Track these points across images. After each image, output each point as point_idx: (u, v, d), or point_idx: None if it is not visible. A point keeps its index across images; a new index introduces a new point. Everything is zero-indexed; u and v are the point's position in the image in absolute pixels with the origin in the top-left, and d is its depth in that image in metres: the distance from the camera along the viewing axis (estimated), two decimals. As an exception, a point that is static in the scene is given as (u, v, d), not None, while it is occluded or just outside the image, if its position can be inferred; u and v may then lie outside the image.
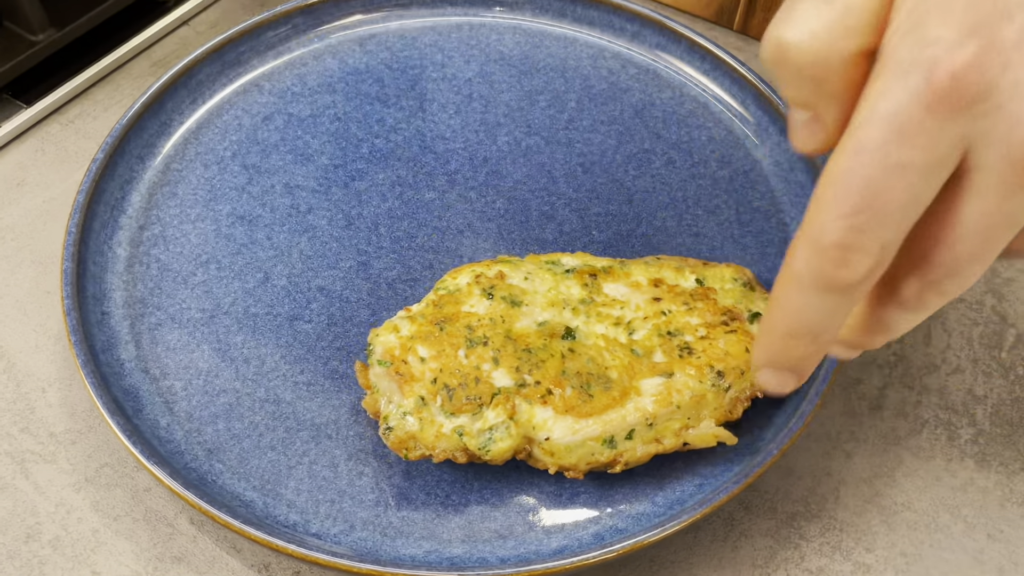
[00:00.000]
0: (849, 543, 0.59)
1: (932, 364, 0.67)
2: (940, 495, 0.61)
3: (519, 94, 0.78)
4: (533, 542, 0.56)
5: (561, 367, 0.57)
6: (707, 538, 0.59)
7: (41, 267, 0.70)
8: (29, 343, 0.66)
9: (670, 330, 0.59)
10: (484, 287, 0.61)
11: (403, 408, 0.56)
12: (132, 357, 0.62)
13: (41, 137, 0.78)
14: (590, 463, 0.56)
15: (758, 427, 0.60)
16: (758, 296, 0.62)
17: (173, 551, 0.57)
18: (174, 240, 0.68)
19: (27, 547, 0.57)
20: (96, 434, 0.62)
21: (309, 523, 0.56)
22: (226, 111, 0.75)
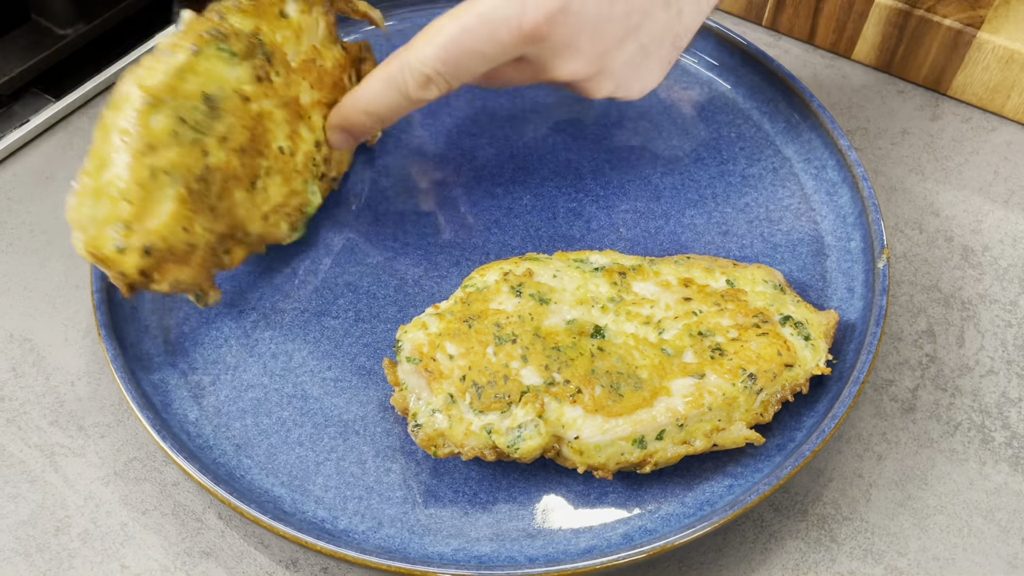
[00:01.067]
0: (881, 546, 0.58)
1: (965, 366, 0.66)
2: (973, 499, 0.60)
3: (547, 90, 0.77)
4: (561, 541, 0.56)
5: (591, 366, 0.56)
6: (737, 540, 0.58)
7: (70, 261, 0.70)
8: (59, 337, 0.66)
9: (701, 330, 0.59)
10: (512, 284, 0.61)
11: (432, 405, 0.55)
12: (161, 352, 0.62)
13: (69, 131, 0.78)
14: (619, 463, 0.55)
15: (789, 428, 0.59)
16: (789, 299, 0.62)
17: (201, 546, 0.57)
18: (202, 235, 0.68)
19: (56, 540, 0.57)
20: (125, 428, 0.62)
21: (337, 519, 0.56)
22: (253, 106, 0.75)
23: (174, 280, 0.56)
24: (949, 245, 0.72)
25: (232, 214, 0.59)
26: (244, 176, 0.59)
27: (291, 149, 0.62)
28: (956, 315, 0.68)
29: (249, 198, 0.60)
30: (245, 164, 0.59)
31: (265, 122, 0.60)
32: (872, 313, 0.61)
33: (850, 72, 0.83)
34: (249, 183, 0.60)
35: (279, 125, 0.61)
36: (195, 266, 0.57)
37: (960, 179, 0.76)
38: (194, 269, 0.57)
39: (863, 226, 0.67)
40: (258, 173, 0.60)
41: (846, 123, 0.79)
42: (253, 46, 0.58)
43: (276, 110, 0.60)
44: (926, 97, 0.81)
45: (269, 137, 0.60)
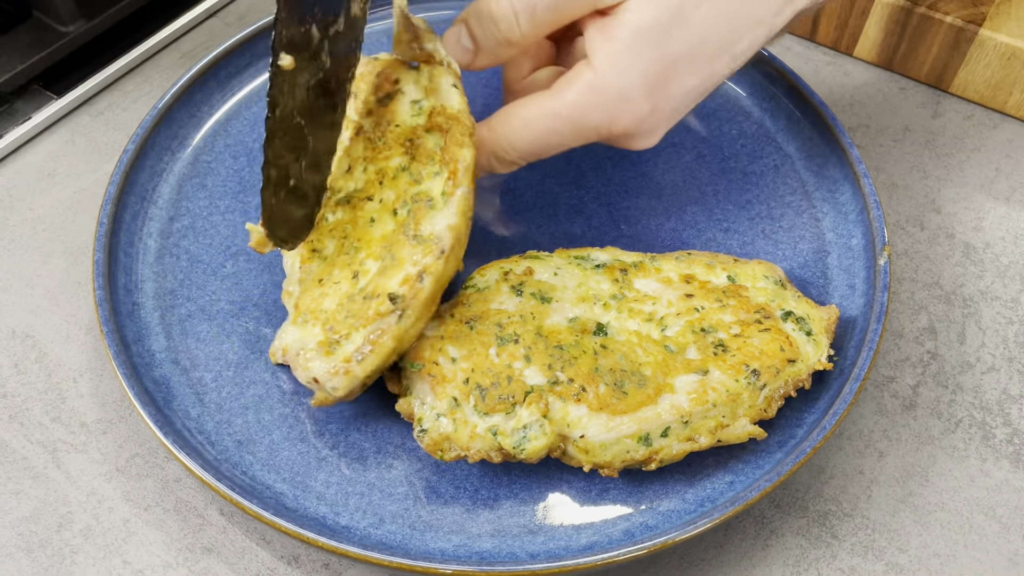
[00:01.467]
0: (882, 543, 0.58)
1: (966, 363, 0.66)
2: (974, 495, 0.60)
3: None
4: (563, 538, 0.56)
5: (594, 364, 0.56)
6: (738, 536, 0.58)
7: (72, 258, 0.70)
8: (60, 333, 0.66)
9: (704, 327, 0.59)
10: (513, 284, 0.61)
11: (436, 410, 0.55)
12: (163, 348, 0.62)
13: (71, 128, 0.78)
14: (625, 461, 0.55)
15: (790, 425, 0.59)
16: (790, 294, 0.62)
17: (203, 541, 0.57)
18: (204, 232, 0.69)
19: (59, 536, 0.57)
20: (127, 424, 0.62)
21: (339, 515, 0.56)
22: (255, 103, 0.75)
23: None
24: (950, 242, 0.72)
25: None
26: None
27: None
28: (957, 312, 0.68)
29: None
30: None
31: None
32: (873, 310, 0.62)
33: (852, 69, 0.83)
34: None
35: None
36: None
37: (962, 176, 0.76)
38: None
39: (864, 223, 0.67)
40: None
41: (848, 120, 0.79)
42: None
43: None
44: (928, 94, 0.81)
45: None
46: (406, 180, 0.60)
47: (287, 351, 0.58)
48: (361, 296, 0.57)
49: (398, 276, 0.56)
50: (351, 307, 0.57)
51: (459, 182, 0.58)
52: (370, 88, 0.64)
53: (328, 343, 0.56)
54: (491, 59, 0.62)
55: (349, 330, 0.56)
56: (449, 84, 0.62)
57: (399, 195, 0.60)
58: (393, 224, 0.59)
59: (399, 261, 0.57)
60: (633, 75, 0.57)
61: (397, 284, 0.56)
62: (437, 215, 0.57)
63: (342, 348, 0.56)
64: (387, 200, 0.60)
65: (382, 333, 0.55)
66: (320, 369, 0.55)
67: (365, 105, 0.64)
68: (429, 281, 0.56)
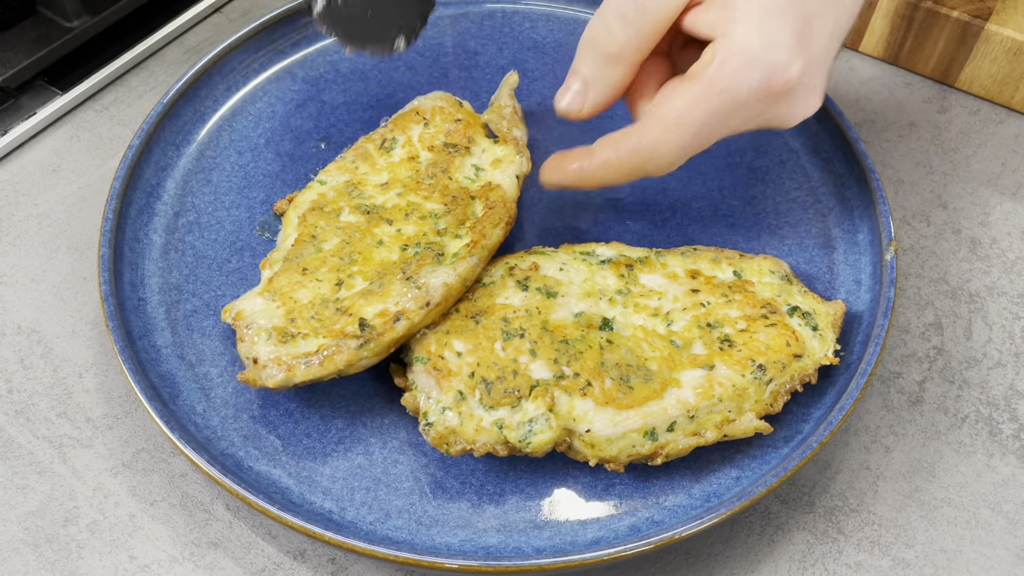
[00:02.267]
0: (888, 538, 0.58)
1: (973, 358, 0.66)
2: (981, 491, 0.60)
3: (552, 82, 0.77)
4: (569, 533, 0.56)
5: (600, 358, 0.56)
6: (744, 531, 0.58)
7: (78, 253, 0.70)
8: (66, 328, 0.66)
9: (710, 322, 0.59)
10: (518, 279, 0.61)
11: (442, 403, 0.55)
12: (168, 343, 0.62)
13: (76, 123, 0.78)
14: (631, 455, 0.55)
15: (796, 420, 0.59)
16: (796, 289, 0.62)
17: (209, 536, 0.57)
18: (208, 227, 0.68)
19: (65, 531, 0.58)
20: (133, 419, 0.62)
21: (344, 511, 0.56)
22: (259, 98, 0.75)
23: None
24: (957, 237, 0.72)
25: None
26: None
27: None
28: (964, 307, 0.68)
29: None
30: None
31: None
32: (880, 305, 0.61)
33: (858, 64, 0.82)
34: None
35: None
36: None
37: (968, 171, 0.76)
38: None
39: (870, 218, 0.67)
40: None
41: (853, 115, 0.79)
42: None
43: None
44: (934, 89, 0.81)
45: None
46: (431, 226, 0.61)
47: (240, 317, 0.58)
48: (335, 306, 0.57)
49: (377, 307, 0.57)
50: (321, 312, 0.57)
51: (475, 253, 0.59)
52: (443, 129, 0.66)
53: (283, 332, 0.56)
54: (602, 88, 0.58)
55: (309, 332, 0.56)
56: (512, 173, 0.64)
57: (417, 236, 0.61)
58: (398, 256, 0.60)
59: (385, 293, 0.57)
60: (772, 23, 0.53)
61: (373, 314, 0.56)
62: (440, 270, 0.58)
63: (295, 345, 0.56)
64: (405, 233, 0.61)
65: (337, 351, 0.55)
66: (265, 353, 0.56)
67: (432, 140, 0.66)
68: (403, 326, 0.56)
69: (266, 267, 0.61)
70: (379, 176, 0.64)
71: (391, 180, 0.64)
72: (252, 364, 0.56)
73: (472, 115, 0.68)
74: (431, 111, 0.68)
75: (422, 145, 0.66)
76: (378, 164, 0.65)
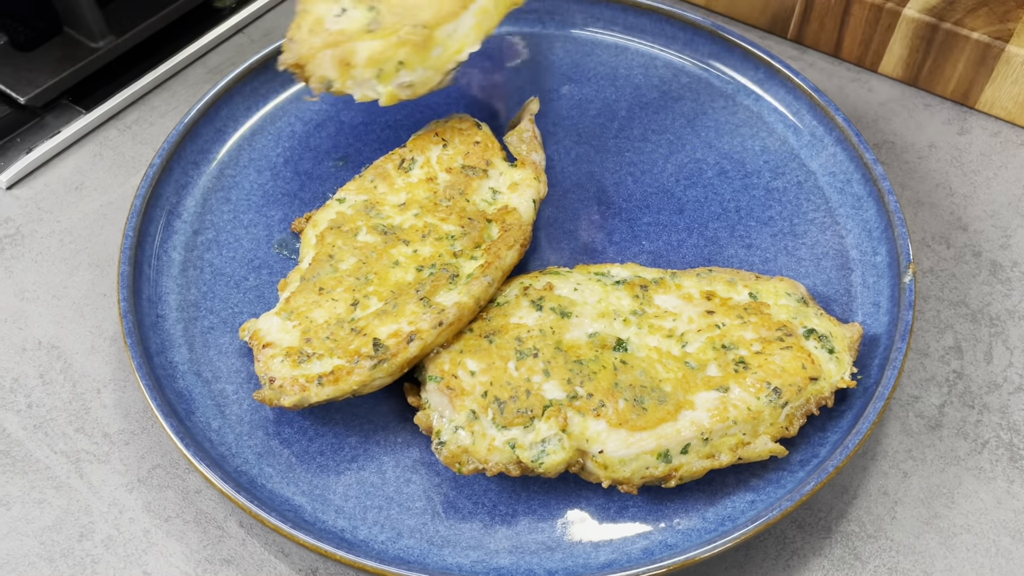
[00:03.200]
0: (906, 565, 0.57)
1: (993, 382, 0.65)
2: (1001, 518, 0.59)
3: (569, 103, 0.77)
4: (581, 555, 0.55)
5: (613, 379, 0.56)
6: (759, 556, 0.58)
7: (98, 270, 0.71)
8: (85, 344, 0.67)
9: (724, 343, 0.58)
10: (532, 298, 0.61)
11: (455, 423, 0.55)
12: (185, 360, 0.63)
13: (99, 142, 0.79)
14: (644, 477, 0.55)
15: (813, 444, 0.59)
16: (812, 311, 0.61)
17: (222, 553, 0.58)
18: (227, 245, 0.69)
19: (80, 546, 0.58)
20: (149, 435, 0.62)
21: (357, 529, 0.56)
22: (279, 118, 0.76)
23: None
24: (977, 260, 0.71)
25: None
26: None
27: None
28: (984, 331, 0.67)
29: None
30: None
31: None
32: (898, 328, 0.61)
33: (876, 85, 0.82)
34: None
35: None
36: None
37: (988, 193, 0.75)
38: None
39: (889, 240, 0.66)
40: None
41: (872, 136, 0.78)
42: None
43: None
44: (954, 111, 0.80)
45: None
46: (447, 248, 0.62)
47: (258, 337, 0.58)
48: (350, 327, 0.58)
49: (391, 327, 0.57)
50: (337, 332, 0.57)
51: (489, 273, 0.60)
52: (462, 151, 0.67)
53: (298, 352, 0.57)
54: None
55: (324, 352, 0.57)
56: (529, 197, 0.65)
57: (433, 257, 0.61)
58: (413, 277, 0.60)
59: (399, 313, 0.58)
60: None
61: (387, 334, 0.57)
62: (454, 290, 0.59)
63: (310, 365, 0.56)
64: (421, 254, 0.61)
65: (351, 372, 0.56)
66: (280, 374, 0.56)
67: (450, 161, 0.66)
68: (416, 346, 0.57)
69: (283, 287, 0.62)
70: (397, 196, 0.65)
71: (409, 201, 0.64)
72: (268, 384, 0.57)
73: (491, 138, 0.68)
74: (450, 132, 0.68)
75: (440, 166, 0.66)
76: (396, 184, 0.66)
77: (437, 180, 0.66)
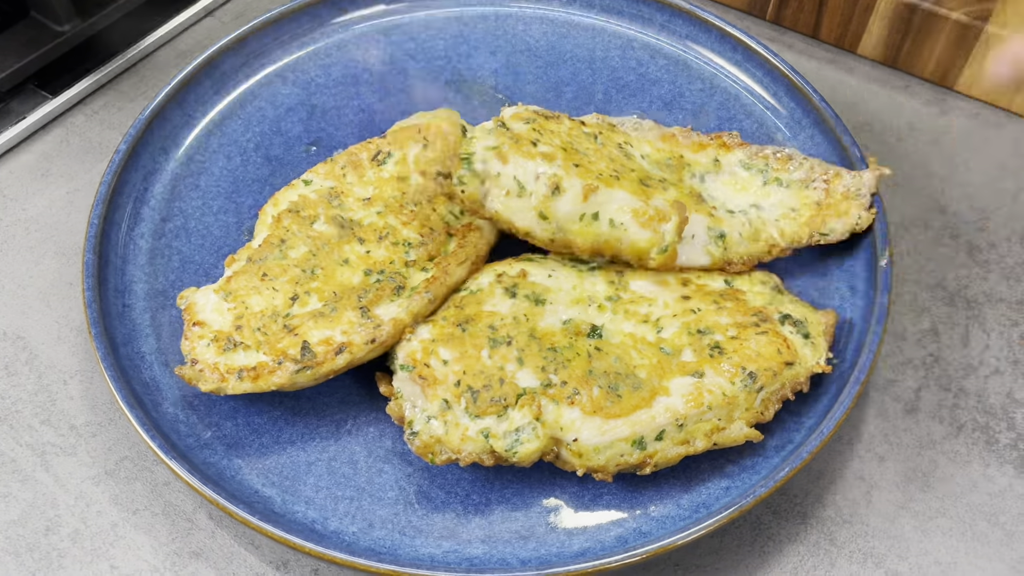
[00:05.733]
0: (881, 550, 0.57)
1: (970, 365, 0.65)
2: (977, 501, 0.59)
3: (545, 85, 0.76)
4: (555, 544, 0.55)
5: (588, 366, 0.56)
6: (734, 542, 0.57)
7: (64, 258, 0.69)
8: (52, 334, 0.66)
9: (700, 328, 0.58)
10: (506, 286, 0.60)
11: (427, 412, 0.55)
12: (153, 350, 0.62)
13: (66, 128, 0.77)
14: (619, 465, 0.54)
15: (788, 429, 0.58)
16: (787, 299, 0.61)
17: (191, 546, 0.57)
18: (196, 232, 0.68)
19: (46, 540, 0.57)
20: (116, 427, 0.61)
21: (327, 520, 0.55)
22: (249, 102, 0.75)
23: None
24: (955, 243, 0.71)
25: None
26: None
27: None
28: (961, 314, 0.67)
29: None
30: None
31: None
32: (874, 312, 0.60)
33: (855, 67, 0.81)
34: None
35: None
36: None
37: (967, 175, 0.74)
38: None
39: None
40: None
41: (852, 118, 0.78)
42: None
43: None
44: (933, 92, 0.80)
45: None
46: (400, 255, 0.60)
47: (191, 311, 0.58)
48: (284, 322, 0.57)
49: (324, 332, 0.56)
50: (269, 325, 0.57)
51: (432, 290, 0.58)
52: (440, 157, 0.64)
53: (226, 339, 0.56)
54: None
55: (252, 345, 0.56)
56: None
57: (384, 261, 0.60)
58: (359, 280, 0.59)
59: (336, 319, 0.57)
60: None
61: (319, 339, 0.56)
62: (395, 303, 0.58)
63: (235, 355, 0.56)
64: (373, 256, 0.60)
65: (273, 372, 0.55)
66: (203, 358, 0.56)
67: (426, 164, 0.64)
68: (343, 359, 0.56)
69: (231, 264, 0.60)
70: (364, 189, 0.63)
71: (375, 196, 0.63)
72: (190, 364, 0.56)
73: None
74: (433, 133, 0.66)
75: (416, 167, 0.64)
76: (366, 176, 0.64)
77: (409, 181, 0.64)
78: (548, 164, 0.57)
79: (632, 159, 0.63)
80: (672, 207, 0.58)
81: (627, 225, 0.58)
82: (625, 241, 0.58)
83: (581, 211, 0.58)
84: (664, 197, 0.60)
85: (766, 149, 0.67)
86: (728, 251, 0.61)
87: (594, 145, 0.62)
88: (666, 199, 0.59)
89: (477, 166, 0.58)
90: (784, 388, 0.57)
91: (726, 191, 0.65)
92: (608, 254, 0.59)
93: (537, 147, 0.58)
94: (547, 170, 0.57)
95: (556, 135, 0.61)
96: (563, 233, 0.58)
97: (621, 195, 0.58)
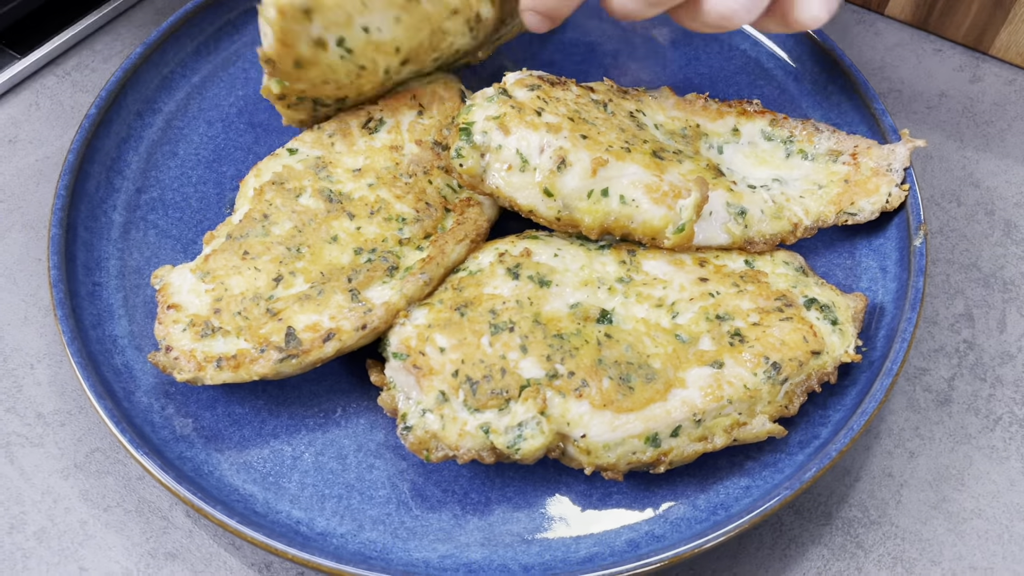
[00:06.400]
0: (912, 554, 0.53)
1: (1007, 353, 0.60)
2: (1015, 501, 0.55)
3: (553, 48, 0.71)
4: (560, 548, 0.51)
5: (597, 355, 0.51)
6: (754, 545, 0.53)
7: (32, 232, 0.65)
8: (18, 315, 0.61)
9: (719, 314, 0.53)
10: (509, 266, 0.55)
11: (422, 405, 0.50)
12: (125, 333, 0.57)
13: (36, 90, 0.72)
14: (631, 463, 0.50)
15: (813, 424, 0.54)
16: (813, 281, 0.56)
17: (167, 547, 0.53)
18: (174, 205, 0.63)
19: (10, 538, 0.53)
20: (87, 416, 0.57)
21: (314, 521, 0.51)
22: (232, 63, 0.70)
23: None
24: (990, 219, 0.66)
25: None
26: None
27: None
28: (997, 296, 0.62)
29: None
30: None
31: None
32: (907, 296, 0.56)
33: (883, 29, 0.76)
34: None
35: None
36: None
37: (1002, 147, 0.70)
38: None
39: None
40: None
41: (878, 84, 0.73)
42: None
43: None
44: (966, 57, 0.74)
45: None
46: (393, 232, 0.55)
47: (166, 292, 0.53)
48: (267, 305, 0.52)
49: (311, 317, 0.52)
50: (251, 309, 0.52)
51: (428, 271, 0.54)
52: (437, 124, 0.60)
53: (203, 323, 0.51)
54: None
55: (232, 330, 0.51)
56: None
57: (376, 239, 0.55)
58: (349, 260, 0.54)
59: (323, 303, 0.52)
60: None
61: (305, 325, 0.51)
62: (388, 285, 0.53)
63: (213, 342, 0.51)
64: (364, 234, 0.55)
65: (255, 361, 0.50)
66: (179, 344, 0.51)
67: (422, 133, 0.59)
68: (332, 347, 0.51)
69: (210, 241, 0.55)
70: (354, 159, 0.58)
71: (366, 167, 0.58)
72: (164, 350, 0.51)
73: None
74: (429, 98, 0.61)
75: (411, 135, 0.59)
76: (357, 145, 0.59)
77: (403, 150, 0.59)
78: (554, 136, 0.52)
79: (645, 129, 0.58)
80: (693, 183, 0.53)
81: (639, 202, 0.53)
82: (637, 219, 0.54)
83: (589, 187, 0.53)
84: (680, 171, 0.55)
85: (790, 119, 0.62)
86: (749, 229, 0.57)
87: (603, 114, 0.57)
88: (682, 173, 0.54)
89: (476, 138, 0.53)
90: (810, 379, 0.53)
91: (746, 163, 0.61)
92: (618, 234, 0.55)
93: (542, 117, 0.53)
94: (553, 142, 0.52)
95: (563, 103, 0.56)
96: (569, 211, 0.54)
97: (633, 169, 0.53)
